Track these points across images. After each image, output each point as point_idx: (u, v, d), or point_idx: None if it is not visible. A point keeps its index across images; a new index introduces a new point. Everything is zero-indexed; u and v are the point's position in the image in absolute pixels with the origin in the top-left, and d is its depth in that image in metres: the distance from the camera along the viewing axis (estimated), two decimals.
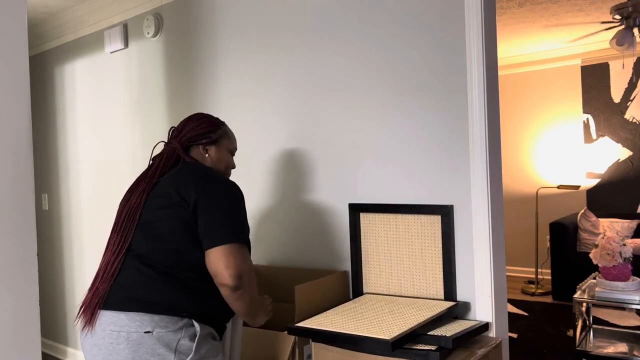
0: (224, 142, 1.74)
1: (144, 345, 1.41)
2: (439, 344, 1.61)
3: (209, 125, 1.71)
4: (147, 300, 1.44)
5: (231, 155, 1.76)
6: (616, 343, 3.26)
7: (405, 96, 2.05)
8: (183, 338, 1.43)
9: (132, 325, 1.43)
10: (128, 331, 1.42)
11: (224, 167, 1.73)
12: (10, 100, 1.95)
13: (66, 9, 3.46)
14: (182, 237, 1.47)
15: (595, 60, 5.44)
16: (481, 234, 1.87)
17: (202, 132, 1.69)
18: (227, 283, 1.42)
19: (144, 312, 1.43)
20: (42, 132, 3.99)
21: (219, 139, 1.72)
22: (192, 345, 1.44)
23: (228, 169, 1.76)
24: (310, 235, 2.33)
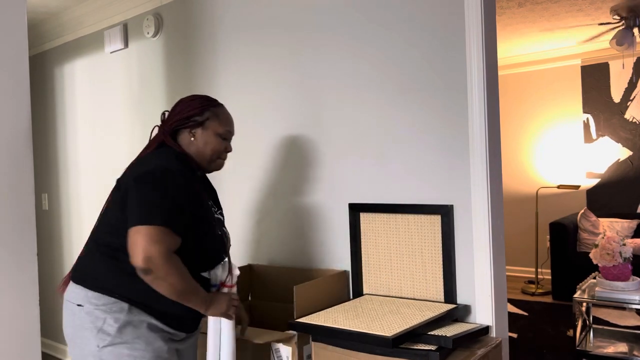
0: (212, 125, 1.62)
1: (77, 317, 1.47)
2: (439, 344, 1.62)
3: (196, 107, 1.61)
4: (85, 275, 1.50)
5: (221, 139, 1.63)
6: (616, 343, 3.26)
7: (405, 96, 2.05)
8: (110, 318, 1.43)
9: (72, 296, 1.50)
10: (68, 300, 1.51)
11: (210, 151, 1.61)
12: (10, 100, 1.95)
13: (66, 9, 3.46)
14: (117, 220, 1.47)
15: (595, 60, 5.44)
16: (481, 233, 1.87)
17: (189, 114, 1.60)
18: (135, 264, 1.37)
19: (81, 285, 1.49)
20: (42, 132, 3.99)
21: (205, 122, 1.61)
22: (116, 327, 1.43)
23: (215, 154, 1.63)
24: (310, 235, 2.33)
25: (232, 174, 2.62)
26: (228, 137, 1.66)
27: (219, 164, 1.66)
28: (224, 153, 1.66)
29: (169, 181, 1.44)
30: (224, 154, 1.66)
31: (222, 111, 1.66)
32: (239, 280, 1.72)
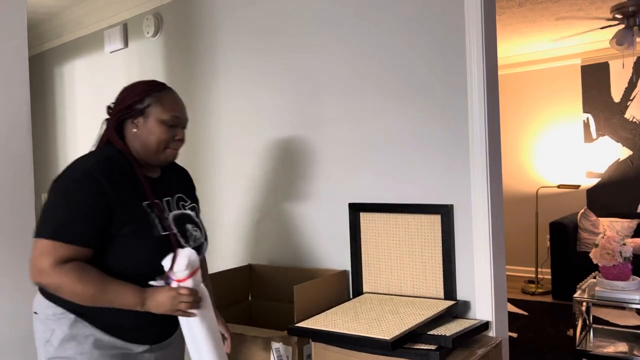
0: (154, 112, 1.42)
1: (34, 325, 1.43)
2: (438, 344, 1.62)
3: (137, 93, 1.43)
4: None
5: (166, 127, 1.43)
6: (616, 342, 3.26)
7: (405, 96, 2.05)
8: (58, 330, 1.36)
9: (33, 303, 1.45)
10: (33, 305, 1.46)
11: (155, 141, 1.42)
12: (10, 100, 1.95)
13: (66, 9, 3.46)
14: None
15: (595, 60, 5.44)
16: (481, 233, 1.87)
17: (130, 103, 1.43)
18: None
19: (39, 292, 1.43)
20: (42, 132, 3.99)
21: (146, 109, 1.42)
22: (59, 341, 1.36)
23: (162, 144, 1.43)
24: (310, 235, 2.33)
25: (232, 173, 2.62)
26: (176, 124, 1.45)
27: (169, 154, 1.46)
28: (173, 142, 1.46)
29: (76, 188, 1.31)
30: (174, 142, 1.46)
31: (166, 95, 1.46)
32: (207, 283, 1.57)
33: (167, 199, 1.49)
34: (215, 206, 2.69)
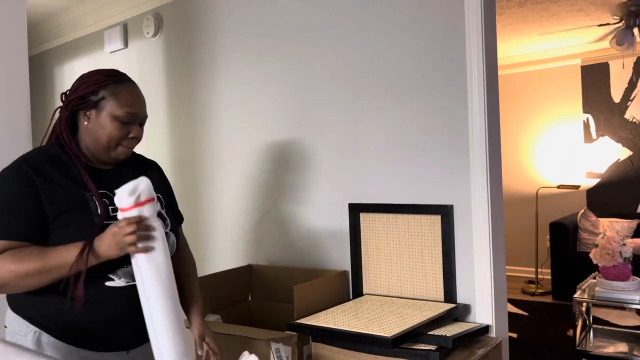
0: (107, 106, 1.31)
1: (6, 338, 1.32)
2: (439, 344, 1.62)
3: (92, 83, 1.32)
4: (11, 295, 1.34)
5: (120, 123, 1.31)
6: (616, 343, 3.26)
7: (405, 96, 2.05)
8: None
9: (5, 315, 1.36)
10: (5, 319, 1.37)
11: (106, 138, 1.31)
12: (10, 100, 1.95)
13: (66, 9, 3.46)
14: None
15: (595, 60, 5.44)
16: (481, 234, 1.87)
17: (83, 93, 1.32)
18: None
19: (8, 304, 1.34)
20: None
21: (100, 102, 1.31)
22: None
23: (112, 141, 1.32)
24: (310, 235, 2.33)
25: (231, 174, 2.62)
26: (131, 121, 1.33)
27: (120, 152, 1.34)
28: (127, 139, 1.34)
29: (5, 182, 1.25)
30: (127, 140, 1.34)
31: (123, 89, 1.33)
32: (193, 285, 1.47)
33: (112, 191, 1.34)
34: (216, 206, 2.69)
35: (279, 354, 1.83)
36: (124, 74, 1.39)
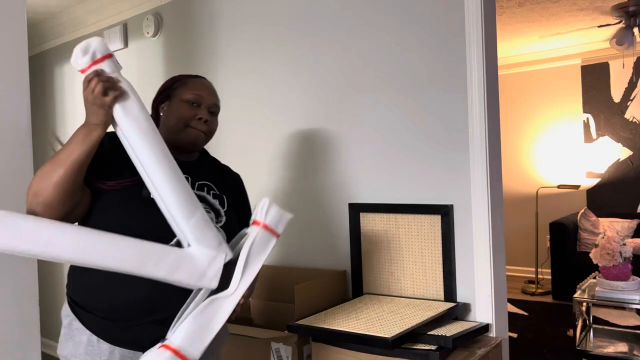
0: (178, 93, 1.43)
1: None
2: (439, 344, 1.61)
3: (169, 81, 1.48)
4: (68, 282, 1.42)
5: (188, 105, 1.41)
6: (616, 343, 3.26)
7: (405, 96, 2.05)
8: (62, 328, 1.36)
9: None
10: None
11: (175, 120, 1.40)
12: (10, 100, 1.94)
13: (66, 9, 3.46)
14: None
15: (595, 60, 5.44)
16: (481, 233, 1.87)
17: (161, 90, 1.47)
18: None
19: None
20: (42, 132, 3.99)
21: (173, 92, 1.45)
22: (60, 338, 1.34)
23: (181, 121, 1.40)
24: (310, 235, 2.33)
25: None
26: (199, 103, 1.42)
27: (189, 133, 1.40)
28: (194, 120, 1.40)
29: None
30: (194, 121, 1.40)
31: (193, 79, 1.48)
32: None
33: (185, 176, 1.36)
34: None
35: (279, 354, 1.83)
36: (199, 76, 1.52)
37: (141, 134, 1.19)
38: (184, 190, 1.22)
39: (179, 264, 1.20)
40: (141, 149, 1.19)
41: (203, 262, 1.22)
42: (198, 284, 1.22)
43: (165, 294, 1.28)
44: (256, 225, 1.29)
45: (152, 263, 1.17)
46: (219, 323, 1.21)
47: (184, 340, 1.18)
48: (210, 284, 1.22)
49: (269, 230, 1.30)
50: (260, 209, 1.30)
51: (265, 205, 1.31)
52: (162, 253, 1.19)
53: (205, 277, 1.21)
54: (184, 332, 1.19)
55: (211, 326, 1.21)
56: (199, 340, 1.20)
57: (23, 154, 1.97)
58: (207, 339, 1.21)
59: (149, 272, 1.18)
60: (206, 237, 1.23)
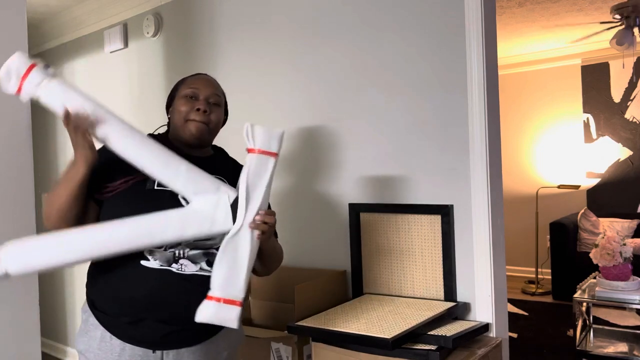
0: (178, 92, 1.48)
1: None
2: (439, 344, 1.61)
3: (173, 86, 1.54)
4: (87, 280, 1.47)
5: (186, 99, 1.44)
6: (616, 343, 3.26)
7: (405, 96, 2.05)
8: (81, 323, 1.40)
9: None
10: None
11: (177, 117, 1.44)
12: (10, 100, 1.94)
13: (66, 9, 3.46)
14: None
15: (595, 60, 5.44)
16: (481, 233, 1.87)
17: (168, 95, 1.54)
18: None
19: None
20: (42, 132, 3.99)
21: (175, 93, 1.49)
22: (77, 332, 1.40)
23: (181, 118, 1.43)
24: (310, 235, 2.33)
25: None
26: (196, 95, 1.44)
27: (190, 125, 1.42)
28: (192, 112, 1.42)
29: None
30: (192, 113, 1.42)
31: (193, 76, 1.52)
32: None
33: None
34: None
35: (279, 354, 1.83)
36: (200, 73, 1.54)
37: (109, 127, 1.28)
38: (162, 154, 1.27)
39: (185, 221, 1.24)
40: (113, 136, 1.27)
41: (208, 209, 1.25)
42: (213, 230, 1.25)
43: (165, 292, 1.29)
44: (251, 152, 1.32)
45: (159, 231, 1.22)
46: (245, 257, 1.26)
47: (220, 286, 1.24)
48: (225, 226, 1.25)
49: (264, 153, 1.31)
50: (246, 136, 1.32)
51: (249, 131, 1.32)
52: (165, 219, 1.24)
53: (216, 222, 1.25)
54: (217, 280, 1.25)
55: (239, 263, 1.26)
56: (234, 280, 1.25)
57: (23, 154, 1.97)
58: (241, 276, 1.26)
59: (161, 240, 1.23)
60: (202, 186, 1.27)
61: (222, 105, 1.52)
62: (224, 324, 1.25)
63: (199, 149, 1.48)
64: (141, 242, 1.22)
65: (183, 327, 1.32)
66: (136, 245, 1.22)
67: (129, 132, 1.28)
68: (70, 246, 1.21)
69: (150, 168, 1.26)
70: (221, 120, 1.53)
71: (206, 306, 1.24)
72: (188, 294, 1.29)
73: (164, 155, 1.27)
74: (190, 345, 1.34)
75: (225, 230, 1.26)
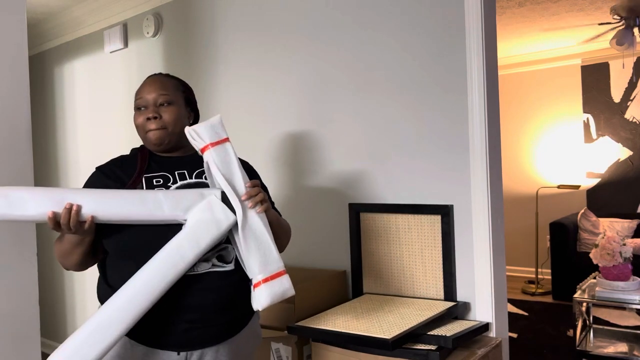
0: (134, 105, 1.48)
1: None
2: (439, 344, 1.61)
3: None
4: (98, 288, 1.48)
5: (138, 112, 1.45)
6: (616, 343, 3.26)
7: (405, 96, 2.05)
8: None
9: None
10: None
11: (138, 131, 1.47)
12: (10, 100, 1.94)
13: (66, 9, 3.46)
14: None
15: (595, 60, 5.44)
16: (481, 233, 1.86)
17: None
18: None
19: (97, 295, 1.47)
20: (42, 132, 3.99)
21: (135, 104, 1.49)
22: None
23: (140, 130, 1.46)
24: (310, 235, 2.33)
25: None
26: (144, 105, 1.44)
27: (149, 136, 1.44)
28: (146, 123, 1.43)
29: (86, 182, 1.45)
30: (146, 124, 1.43)
31: (141, 85, 1.49)
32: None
33: (181, 172, 1.43)
34: None
35: (279, 354, 1.83)
36: (151, 75, 1.52)
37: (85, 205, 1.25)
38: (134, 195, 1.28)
39: (195, 237, 1.26)
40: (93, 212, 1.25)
41: (206, 215, 1.28)
42: (222, 229, 1.28)
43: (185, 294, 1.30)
44: (205, 150, 1.34)
45: (180, 260, 1.24)
46: (264, 232, 1.31)
47: (260, 269, 1.29)
48: (229, 221, 1.28)
49: (217, 144, 1.35)
50: (193, 139, 1.35)
51: (193, 134, 1.35)
52: (177, 247, 1.25)
53: (220, 221, 1.28)
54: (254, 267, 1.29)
55: (262, 240, 1.31)
56: (268, 256, 1.30)
57: (23, 154, 1.97)
58: (272, 249, 1.31)
59: (185, 265, 1.25)
60: (187, 201, 1.29)
61: (176, 101, 1.46)
62: (284, 296, 1.30)
63: (175, 150, 1.48)
64: (170, 277, 1.24)
65: (210, 325, 1.33)
66: (169, 282, 1.24)
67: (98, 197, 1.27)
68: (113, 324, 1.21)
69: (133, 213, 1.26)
70: (180, 115, 1.46)
71: (259, 293, 1.28)
72: (207, 292, 1.31)
73: (136, 194, 1.28)
74: (212, 345, 1.35)
75: (231, 223, 1.29)
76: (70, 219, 1.22)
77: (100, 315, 1.22)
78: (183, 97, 1.50)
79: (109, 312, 1.21)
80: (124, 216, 1.26)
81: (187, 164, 1.45)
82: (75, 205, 1.21)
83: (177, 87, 1.49)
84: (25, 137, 1.98)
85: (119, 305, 1.21)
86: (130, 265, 1.29)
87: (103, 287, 1.40)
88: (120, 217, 1.26)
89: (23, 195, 1.21)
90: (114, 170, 1.43)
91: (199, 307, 1.31)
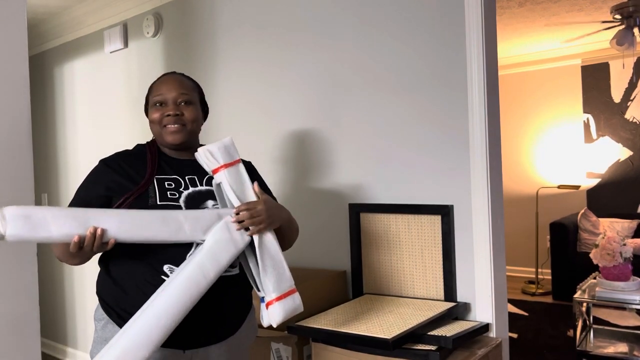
0: (149, 100, 1.51)
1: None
2: (439, 344, 1.61)
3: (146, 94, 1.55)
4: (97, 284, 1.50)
5: (156, 107, 1.47)
6: (616, 343, 3.26)
7: (405, 96, 2.05)
8: (96, 332, 1.42)
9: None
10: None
11: (153, 127, 1.49)
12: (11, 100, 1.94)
13: (66, 9, 3.46)
14: None
15: (595, 60, 5.44)
16: (481, 234, 1.86)
17: (145, 103, 1.56)
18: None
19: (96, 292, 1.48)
20: (42, 132, 3.99)
21: (147, 101, 1.52)
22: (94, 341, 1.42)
23: (157, 125, 1.46)
24: (310, 235, 2.33)
25: None
26: (164, 101, 1.46)
27: (167, 132, 1.45)
28: (165, 119, 1.45)
29: (89, 174, 1.46)
30: (165, 119, 1.45)
31: (158, 80, 1.51)
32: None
33: (191, 177, 1.45)
34: None
35: (279, 354, 1.83)
36: (167, 73, 1.54)
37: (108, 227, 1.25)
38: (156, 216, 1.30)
39: (215, 256, 1.30)
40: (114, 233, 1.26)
41: (224, 235, 1.32)
42: (239, 248, 1.34)
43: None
44: (218, 171, 1.38)
45: (203, 278, 1.28)
46: (277, 251, 1.41)
47: (275, 288, 1.37)
48: (245, 240, 1.34)
49: (230, 165, 1.39)
50: (207, 160, 1.39)
51: (207, 155, 1.39)
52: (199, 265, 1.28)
53: (237, 241, 1.34)
54: (269, 285, 1.36)
55: (276, 260, 1.40)
56: (282, 276, 1.39)
57: (23, 154, 1.97)
58: (285, 268, 1.41)
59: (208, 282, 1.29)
60: (206, 222, 1.33)
61: (195, 102, 1.49)
62: (295, 313, 1.39)
63: (186, 151, 1.50)
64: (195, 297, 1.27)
65: (216, 325, 1.38)
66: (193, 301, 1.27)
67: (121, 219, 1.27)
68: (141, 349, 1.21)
69: (156, 235, 1.28)
70: (198, 117, 1.49)
71: (272, 311, 1.36)
72: (216, 295, 1.35)
73: (158, 215, 1.30)
74: (216, 342, 1.40)
75: (247, 243, 1.35)
76: (95, 243, 1.23)
77: (125, 339, 1.21)
78: (199, 98, 1.54)
79: (133, 337, 1.21)
80: (145, 238, 1.28)
81: (197, 170, 1.47)
82: (100, 229, 1.22)
83: (194, 88, 1.53)
84: (25, 137, 1.98)
85: (143, 330, 1.22)
86: (133, 256, 1.33)
87: (105, 279, 1.41)
88: (142, 238, 1.28)
89: (46, 216, 1.19)
90: (121, 164, 1.44)
91: (208, 309, 1.34)
